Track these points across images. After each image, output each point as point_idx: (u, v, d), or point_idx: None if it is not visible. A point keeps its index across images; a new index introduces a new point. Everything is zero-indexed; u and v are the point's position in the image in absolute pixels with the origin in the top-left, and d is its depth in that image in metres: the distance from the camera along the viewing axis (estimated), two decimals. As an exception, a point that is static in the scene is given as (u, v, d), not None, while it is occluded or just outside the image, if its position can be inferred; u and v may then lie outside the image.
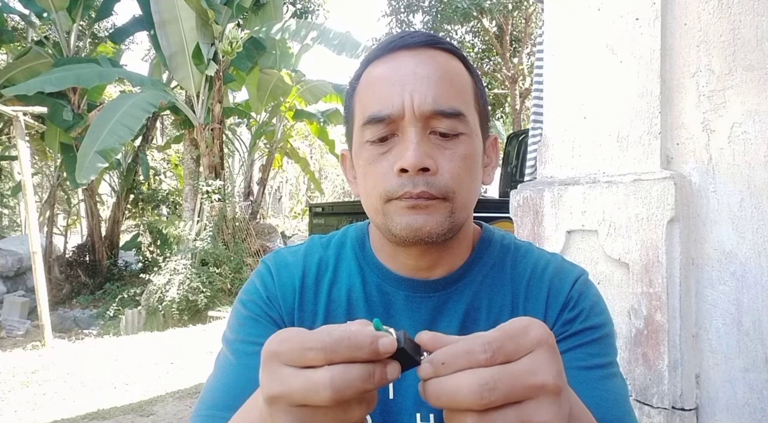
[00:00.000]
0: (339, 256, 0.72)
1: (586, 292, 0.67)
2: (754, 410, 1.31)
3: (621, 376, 0.65)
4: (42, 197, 12.53)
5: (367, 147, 0.62)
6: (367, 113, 0.62)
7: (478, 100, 0.66)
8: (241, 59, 9.05)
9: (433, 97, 0.60)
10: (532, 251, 0.72)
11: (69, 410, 3.65)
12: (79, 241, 11.39)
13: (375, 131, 0.61)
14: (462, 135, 0.61)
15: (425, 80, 0.60)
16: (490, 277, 0.68)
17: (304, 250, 0.73)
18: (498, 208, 4.70)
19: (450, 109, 0.60)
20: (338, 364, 0.36)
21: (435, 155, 0.60)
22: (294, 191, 24.34)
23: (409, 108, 0.59)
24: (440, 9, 11.94)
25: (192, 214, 9.10)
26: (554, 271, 0.68)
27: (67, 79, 7.44)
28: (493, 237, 0.73)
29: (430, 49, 0.63)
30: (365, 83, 0.65)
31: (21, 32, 10.63)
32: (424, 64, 0.61)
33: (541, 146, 1.79)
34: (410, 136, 0.59)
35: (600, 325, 0.65)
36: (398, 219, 0.60)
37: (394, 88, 0.60)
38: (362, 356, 0.36)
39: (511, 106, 14.21)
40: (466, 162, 0.61)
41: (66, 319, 8.60)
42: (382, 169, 0.61)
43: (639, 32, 1.51)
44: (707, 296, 1.39)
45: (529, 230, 1.71)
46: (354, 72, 0.69)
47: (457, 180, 0.60)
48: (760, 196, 1.32)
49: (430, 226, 0.59)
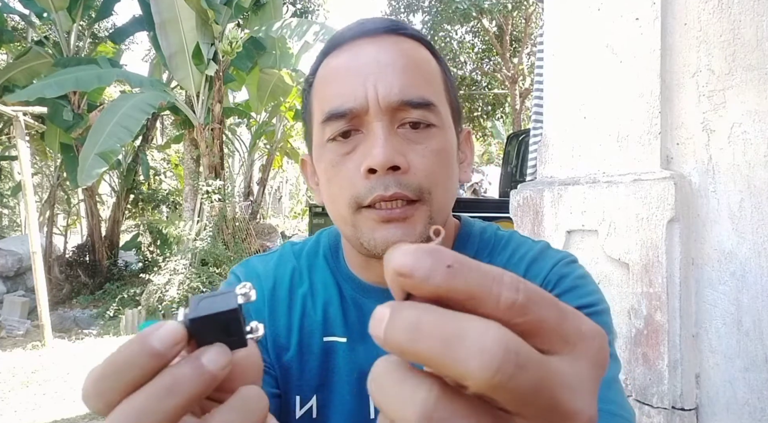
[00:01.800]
0: (312, 266, 0.67)
1: (567, 274, 0.59)
2: (754, 410, 1.30)
3: (615, 358, 0.57)
4: (42, 197, 12.53)
5: (329, 147, 0.56)
6: (326, 109, 0.55)
7: (448, 90, 0.60)
8: (241, 59, 9.06)
9: (400, 87, 0.53)
10: (512, 241, 0.65)
11: (69, 410, 3.65)
12: (79, 241, 11.39)
13: (336, 128, 0.55)
14: (433, 127, 0.55)
15: (389, 68, 0.54)
16: None
17: (276, 259, 0.68)
18: (498, 208, 4.72)
19: (419, 99, 0.54)
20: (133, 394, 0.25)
21: (405, 151, 0.53)
22: (294, 191, 24.33)
23: (373, 100, 0.53)
24: (440, 9, 11.94)
25: (192, 214, 9.10)
26: (531, 259, 0.62)
27: (67, 84, 7.44)
28: (473, 231, 0.66)
29: (394, 35, 0.57)
30: (322, 76, 0.58)
31: (21, 32, 10.63)
32: (388, 52, 0.55)
33: (541, 146, 1.79)
34: (376, 132, 0.52)
35: (589, 304, 0.57)
36: (371, 234, 0.54)
37: (355, 78, 0.54)
38: (145, 366, 0.25)
39: (511, 106, 14.21)
40: (440, 157, 0.55)
41: (66, 319, 8.60)
42: (348, 171, 0.54)
43: (639, 32, 1.51)
44: (707, 296, 1.39)
45: (529, 230, 1.71)
46: (310, 66, 0.62)
47: (431, 178, 0.54)
48: (760, 196, 1.32)
49: (410, 240, 0.52)
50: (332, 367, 0.61)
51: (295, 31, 8.47)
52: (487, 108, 15.05)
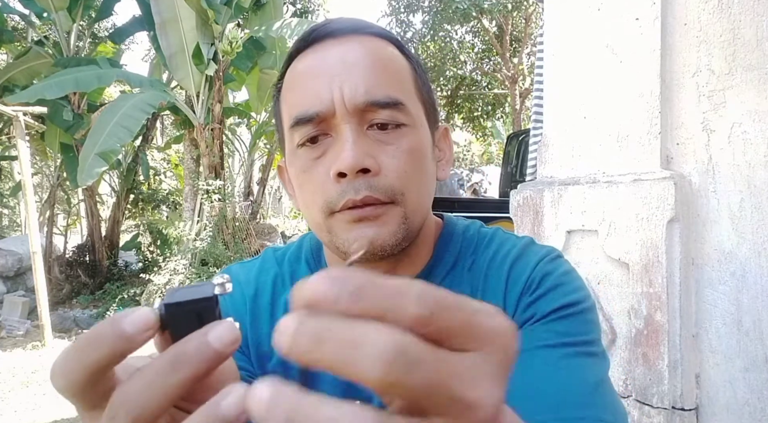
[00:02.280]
0: (294, 272, 0.66)
1: (551, 272, 0.58)
2: (754, 410, 1.30)
3: (601, 357, 0.55)
4: (42, 197, 12.54)
5: (299, 153, 0.55)
6: (294, 113, 0.54)
7: (419, 88, 0.58)
8: (241, 59, 9.06)
9: (366, 87, 0.52)
10: (495, 239, 0.64)
11: (69, 410, 3.65)
12: (79, 241, 11.39)
13: (304, 132, 0.54)
14: (403, 126, 0.54)
15: (354, 69, 0.53)
16: (449, 277, 0.61)
17: (258, 267, 0.67)
18: (498, 208, 4.71)
19: (386, 99, 0.53)
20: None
21: (375, 153, 0.52)
22: (294, 191, 24.29)
23: (339, 102, 0.52)
24: (440, 9, 11.94)
25: (192, 214, 9.11)
26: (515, 257, 0.60)
27: (67, 84, 7.45)
28: (455, 230, 0.65)
29: (359, 35, 0.56)
30: (289, 80, 0.57)
31: (21, 32, 10.63)
32: (353, 52, 0.54)
33: (541, 146, 1.79)
34: (345, 135, 0.52)
35: (572, 302, 0.55)
36: (345, 235, 0.53)
37: (321, 81, 0.53)
38: (113, 347, 0.25)
39: (511, 106, 14.21)
40: (411, 157, 0.54)
41: (66, 319, 8.60)
42: (319, 176, 0.53)
43: (639, 32, 1.51)
44: (707, 296, 1.39)
45: (529, 230, 1.71)
46: (279, 71, 0.61)
47: (404, 179, 0.53)
48: (760, 196, 1.32)
49: (383, 238, 0.52)
50: (316, 374, 0.60)
51: (295, 31, 8.46)
52: (487, 108, 15.06)
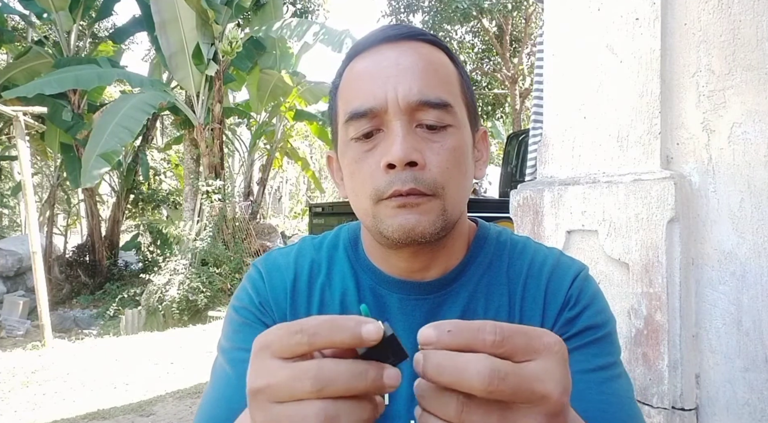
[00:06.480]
0: (331, 258, 0.70)
1: (586, 289, 0.65)
2: (754, 410, 1.30)
3: (626, 375, 0.63)
4: (42, 197, 12.54)
5: (352, 145, 0.60)
6: (349, 109, 0.59)
7: (464, 92, 0.63)
8: (241, 59, 9.07)
9: (419, 88, 0.57)
10: (528, 247, 0.69)
11: (69, 410, 3.65)
12: (79, 241, 11.39)
13: (358, 127, 0.59)
14: (450, 127, 0.59)
15: (409, 71, 0.58)
16: (486, 277, 0.66)
17: (296, 252, 0.71)
18: (498, 208, 4.71)
19: (437, 100, 0.57)
20: (328, 357, 0.34)
21: (422, 149, 0.57)
22: (294, 191, 24.33)
23: (393, 100, 0.57)
24: (440, 9, 11.94)
25: (192, 214, 9.10)
26: (552, 268, 0.66)
27: (67, 81, 7.45)
28: (489, 234, 0.70)
29: (413, 41, 0.61)
30: (347, 79, 0.63)
31: (21, 32, 10.63)
32: (407, 56, 0.59)
33: (541, 146, 1.79)
34: (396, 130, 0.56)
35: (602, 323, 0.63)
36: (389, 220, 0.58)
37: (376, 81, 0.58)
38: (345, 339, 0.33)
39: (511, 106, 14.21)
40: (454, 155, 0.58)
41: (66, 319, 8.60)
42: (369, 166, 0.58)
43: (639, 32, 1.51)
44: (707, 296, 1.39)
45: (529, 230, 1.71)
46: (336, 70, 0.67)
47: (446, 174, 0.58)
48: (760, 196, 1.32)
49: (423, 225, 0.57)
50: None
51: (295, 31, 8.46)
52: (487, 108, 15.05)
